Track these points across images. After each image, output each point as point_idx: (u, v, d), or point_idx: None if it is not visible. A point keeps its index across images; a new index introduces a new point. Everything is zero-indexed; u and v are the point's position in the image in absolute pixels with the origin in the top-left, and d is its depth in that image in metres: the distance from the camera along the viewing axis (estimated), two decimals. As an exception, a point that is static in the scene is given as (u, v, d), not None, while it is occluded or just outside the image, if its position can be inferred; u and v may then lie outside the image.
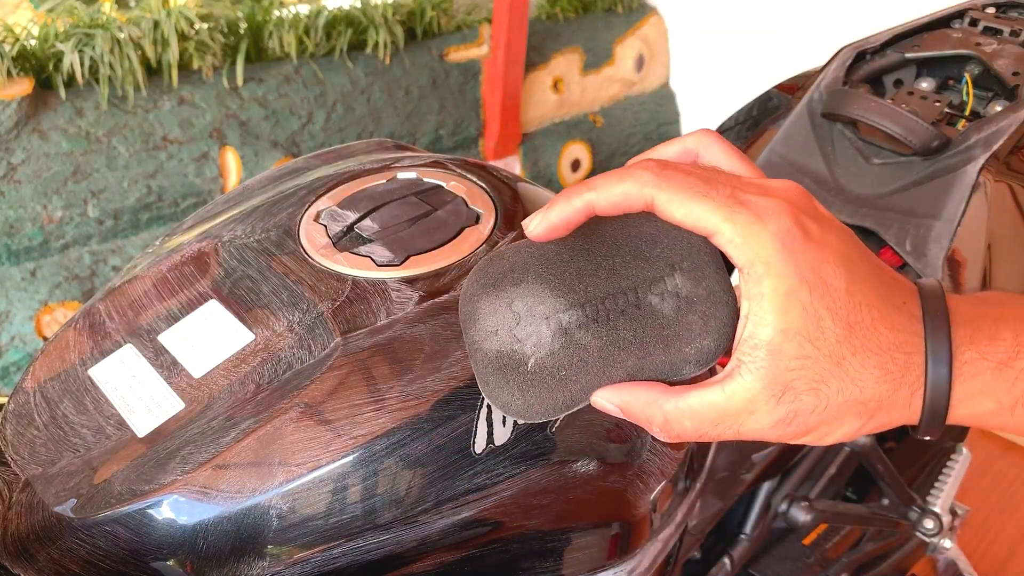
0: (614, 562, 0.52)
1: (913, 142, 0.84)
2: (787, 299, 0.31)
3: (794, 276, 0.31)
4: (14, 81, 1.59)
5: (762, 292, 0.31)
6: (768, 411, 0.33)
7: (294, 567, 0.43)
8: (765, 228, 0.31)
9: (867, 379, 0.32)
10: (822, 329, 0.31)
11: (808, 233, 0.32)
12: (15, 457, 0.45)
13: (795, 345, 0.31)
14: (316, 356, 0.45)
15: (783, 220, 0.31)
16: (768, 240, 0.31)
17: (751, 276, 0.31)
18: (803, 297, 0.31)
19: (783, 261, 0.31)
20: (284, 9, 1.97)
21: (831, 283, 0.31)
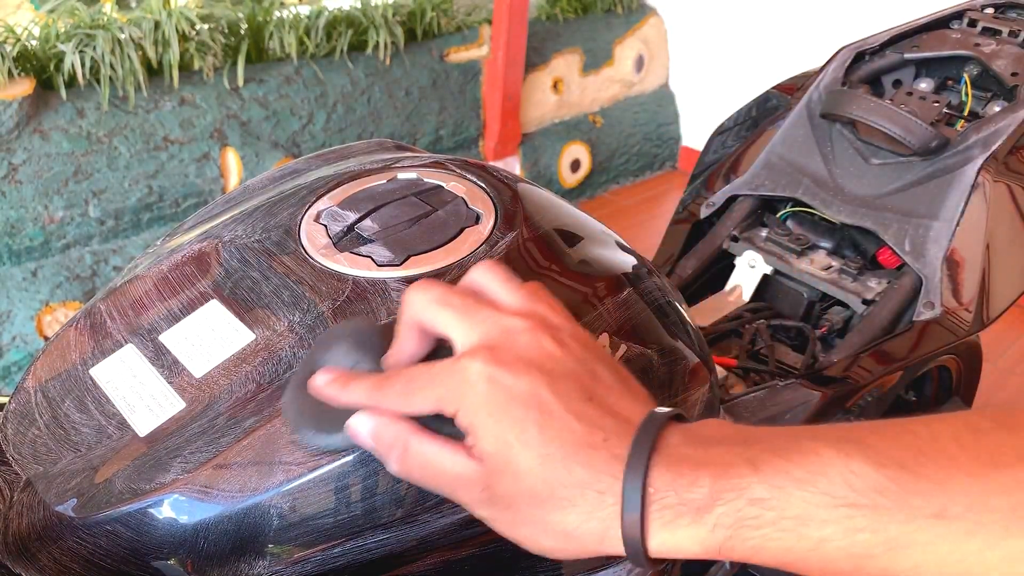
0: (614, 561, 0.52)
1: (912, 142, 0.84)
2: (494, 440, 0.35)
3: (493, 422, 0.35)
4: (15, 81, 1.60)
5: (475, 431, 0.36)
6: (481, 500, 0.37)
7: (295, 566, 0.43)
8: (463, 391, 0.36)
9: (558, 509, 0.35)
10: (522, 455, 0.35)
11: (499, 386, 0.35)
12: (16, 456, 0.46)
13: (502, 463, 0.35)
14: (316, 356, 0.45)
15: (477, 381, 0.36)
16: (471, 402, 0.36)
17: (468, 423, 0.36)
18: (505, 438, 0.35)
19: (482, 410, 0.36)
20: (285, 10, 1.97)
21: (527, 427, 0.35)
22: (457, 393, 0.36)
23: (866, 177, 0.89)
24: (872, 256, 0.92)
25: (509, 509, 0.36)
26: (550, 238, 0.53)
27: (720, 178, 1.00)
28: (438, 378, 0.37)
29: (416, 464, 0.38)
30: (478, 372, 0.36)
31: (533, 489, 0.35)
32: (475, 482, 0.37)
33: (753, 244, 0.94)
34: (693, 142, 2.90)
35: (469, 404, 0.36)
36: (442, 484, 0.38)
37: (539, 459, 0.35)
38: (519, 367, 0.36)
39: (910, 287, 0.85)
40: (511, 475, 0.35)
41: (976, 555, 0.30)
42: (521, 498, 0.35)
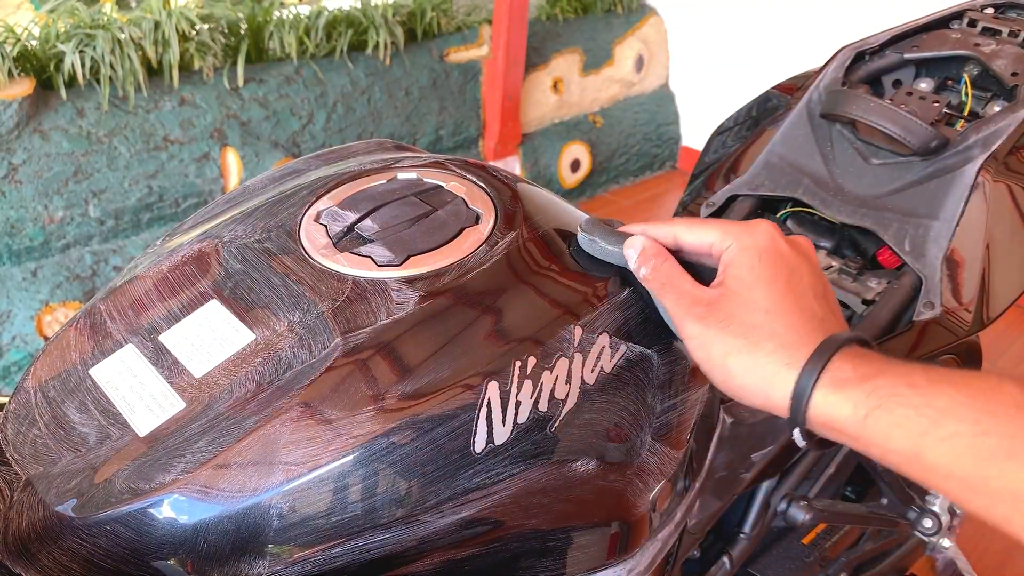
0: (613, 561, 0.52)
1: (912, 142, 0.84)
2: (749, 270, 0.44)
3: (756, 259, 0.45)
4: (15, 81, 1.60)
5: (735, 261, 0.45)
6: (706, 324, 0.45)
7: (295, 566, 0.43)
8: (747, 235, 0.46)
9: (755, 345, 0.43)
10: (762, 292, 0.44)
11: (778, 246, 0.46)
12: (16, 456, 0.46)
13: (743, 290, 0.44)
14: (316, 356, 0.45)
15: (764, 235, 0.46)
16: (749, 241, 0.46)
17: (733, 256, 0.45)
18: (758, 272, 0.44)
19: (752, 250, 0.45)
20: (285, 10, 1.97)
21: (779, 277, 0.44)
22: (740, 234, 0.45)
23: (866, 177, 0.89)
24: (872, 256, 0.92)
25: (719, 327, 0.44)
26: (550, 238, 0.53)
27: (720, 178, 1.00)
28: (725, 224, 0.47)
29: (663, 275, 0.47)
30: (766, 229, 0.46)
31: (749, 321, 0.43)
32: (703, 299, 0.45)
33: None
34: (693, 142, 2.90)
35: (747, 242, 0.45)
36: (678, 294, 0.46)
37: (771, 303, 0.43)
38: (794, 246, 0.46)
39: (910, 287, 0.85)
40: (742, 301, 0.43)
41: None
42: (737, 319, 0.43)
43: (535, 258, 0.51)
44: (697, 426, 0.56)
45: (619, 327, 0.49)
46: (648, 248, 0.48)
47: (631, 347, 0.49)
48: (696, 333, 0.45)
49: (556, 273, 0.50)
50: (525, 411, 0.45)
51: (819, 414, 0.41)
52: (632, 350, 0.50)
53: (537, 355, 0.46)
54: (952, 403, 0.37)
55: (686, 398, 0.54)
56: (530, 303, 0.48)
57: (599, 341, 0.48)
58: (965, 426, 0.37)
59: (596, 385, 0.47)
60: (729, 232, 0.46)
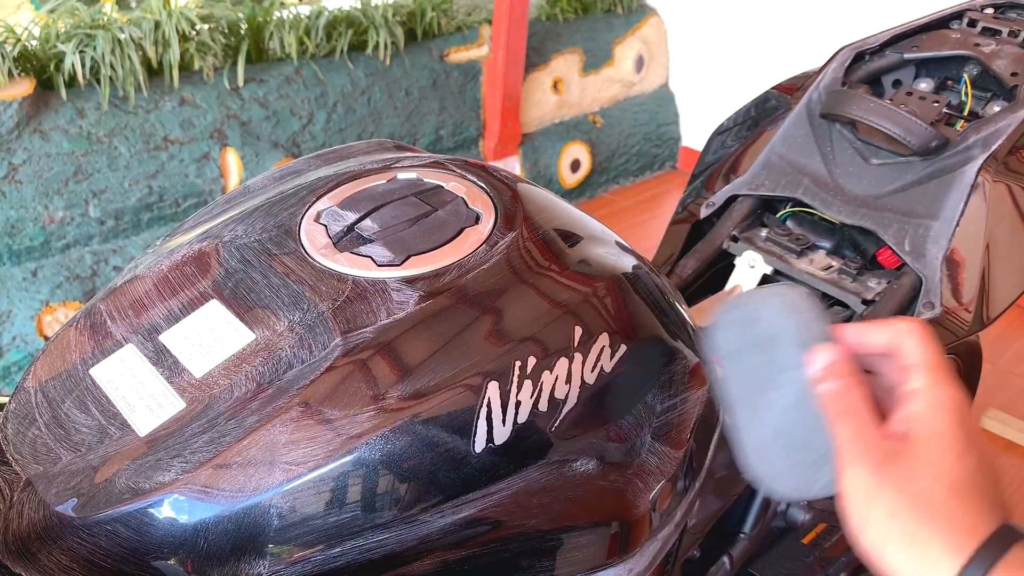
0: (614, 561, 0.52)
1: (912, 142, 0.84)
2: (948, 429, 0.39)
3: (958, 420, 0.39)
4: (15, 81, 1.60)
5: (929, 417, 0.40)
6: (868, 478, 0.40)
7: (294, 566, 0.43)
8: (948, 392, 0.40)
9: (911, 526, 0.38)
10: (950, 460, 0.39)
11: (969, 416, 0.40)
12: (16, 456, 0.46)
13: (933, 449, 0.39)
14: (316, 355, 0.45)
15: (959, 397, 0.40)
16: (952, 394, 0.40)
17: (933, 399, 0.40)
18: (955, 435, 0.39)
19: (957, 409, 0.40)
20: (285, 10, 1.97)
21: (970, 450, 0.39)
22: (935, 382, 0.40)
23: (866, 177, 0.89)
24: (872, 256, 0.92)
25: (891, 485, 0.39)
26: (550, 238, 0.53)
27: (720, 178, 1.00)
28: (926, 356, 0.41)
29: (849, 402, 0.41)
30: (962, 395, 0.40)
31: (930, 490, 0.38)
32: (882, 447, 0.39)
33: (753, 244, 0.94)
34: (693, 142, 2.90)
35: (941, 398, 0.40)
36: (849, 432, 0.41)
37: (956, 479, 0.38)
38: (975, 422, 0.40)
39: (910, 287, 0.85)
40: (925, 467, 0.38)
41: None
42: (912, 486, 0.38)
43: (535, 258, 0.51)
44: (697, 426, 0.56)
45: (619, 327, 0.49)
46: (839, 365, 0.42)
47: (631, 347, 0.49)
48: (864, 482, 0.40)
49: (556, 273, 0.50)
50: (525, 411, 0.45)
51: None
52: (632, 350, 0.50)
53: (537, 355, 0.46)
54: None
55: (686, 398, 0.54)
56: (530, 303, 0.48)
57: (599, 341, 0.48)
58: None
59: (596, 385, 0.47)
60: (932, 373, 0.41)
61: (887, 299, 0.86)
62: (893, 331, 0.43)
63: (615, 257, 0.54)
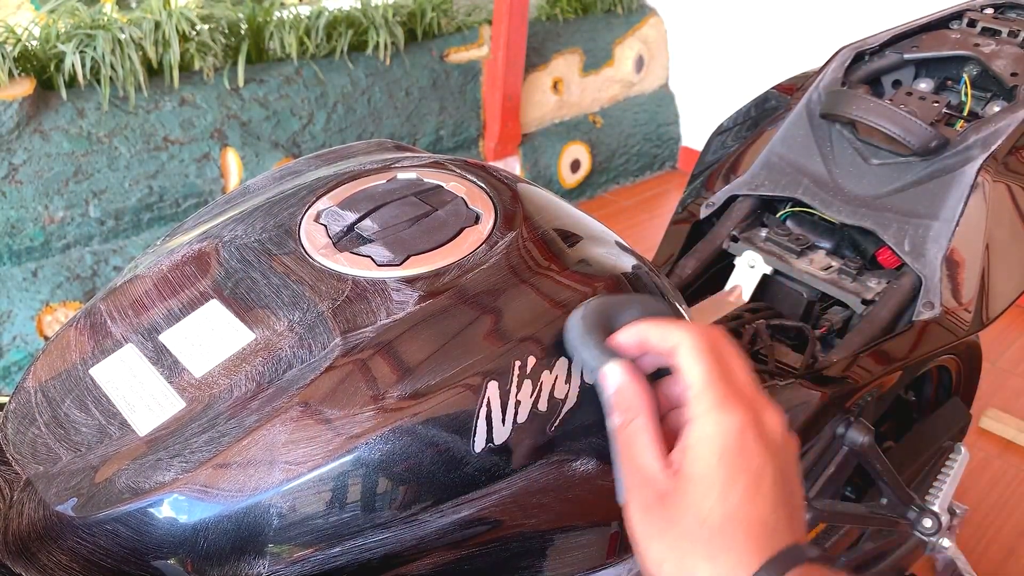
0: (613, 561, 0.52)
1: (912, 143, 0.84)
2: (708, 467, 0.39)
3: (718, 455, 0.39)
4: (16, 82, 1.60)
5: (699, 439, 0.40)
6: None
7: (294, 566, 0.43)
8: (720, 420, 0.40)
9: (698, 551, 0.38)
10: (713, 494, 0.39)
11: (746, 442, 0.39)
12: (16, 456, 0.46)
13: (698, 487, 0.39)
14: (316, 355, 0.45)
15: (735, 424, 0.40)
16: (716, 429, 0.40)
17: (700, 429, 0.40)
18: (717, 473, 0.39)
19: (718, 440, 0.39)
20: (285, 10, 1.97)
21: (737, 481, 0.39)
22: (708, 409, 0.40)
23: (866, 177, 0.89)
24: (872, 256, 0.92)
25: (658, 528, 0.39)
26: (550, 238, 0.53)
27: (720, 178, 1.00)
28: (707, 383, 0.40)
29: (628, 436, 0.42)
30: (739, 419, 0.39)
31: (692, 533, 0.38)
32: (657, 488, 0.40)
33: (753, 244, 0.94)
34: (693, 142, 2.90)
35: (711, 429, 0.39)
36: (629, 468, 0.41)
37: (721, 514, 0.38)
38: (764, 440, 0.40)
39: (910, 287, 0.85)
40: (689, 507, 0.39)
41: None
42: (675, 529, 0.39)
43: (535, 258, 0.51)
44: (697, 426, 0.55)
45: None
46: (623, 391, 0.42)
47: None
48: (637, 521, 0.41)
49: (556, 273, 0.50)
50: (525, 411, 0.45)
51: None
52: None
53: (537, 354, 0.46)
54: None
55: (686, 398, 0.54)
56: (530, 303, 0.48)
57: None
58: None
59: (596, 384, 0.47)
60: (707, 395, 0.40)
61: (887, 299, 0.86)
62: (669, 344, 0.42)
63: (615, 257, 0.54)
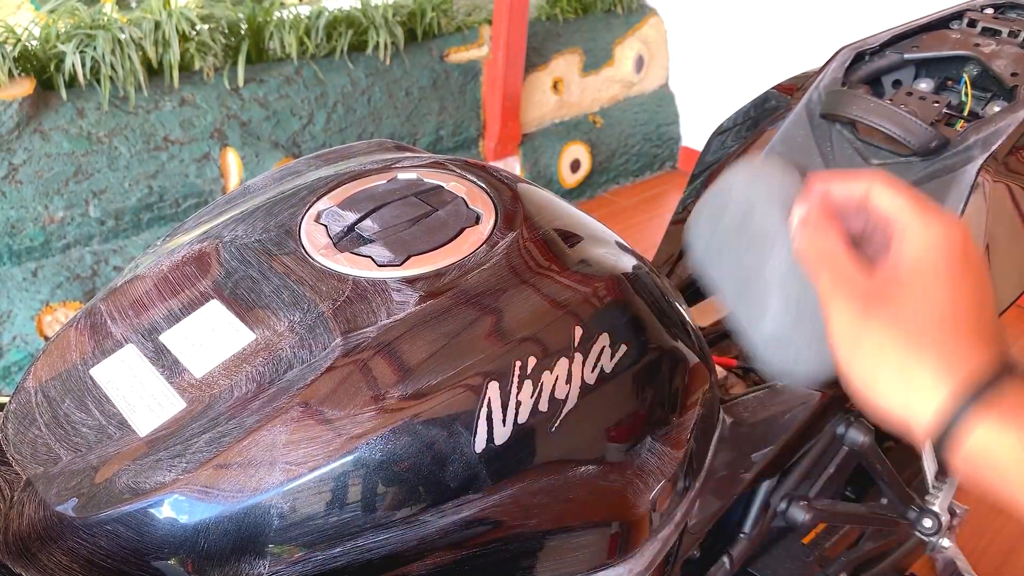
0: (614, 561, 0.52)
1: (912, 143, 0.84)
2: (932, 264, 0.38)
3: (945, 253, 0.38)
4: (15, 81, 1.60)
5: (921, 245, 0.39)
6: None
7: (295, 566, 0.43)
8: (942, 223, 0.39)
9: (907, 350, 0.37)
10: (940, 293, 0.38)
11: (969, 250, 0.39)
12: (17, 456, 0.46)
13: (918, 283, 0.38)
14: (317, 356, 0.45)
15: (957, 231, 0.39)
16: (943, 231, 0.39)
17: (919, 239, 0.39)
18: (942, 269, 0.38)
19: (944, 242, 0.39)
20: (285, 10, 1.97)
21: (965, 282, 0.38)
22: (930, 221, 0.39)
23: (866, 177, 0.89)
24: (872, 256, 0.92)
25: (879, 320, 0.38)
26: (550, 238, 0.53)
27: (720, 178, 1.00)
28: (917, 202, 0.40)
29: (822, 249, 0.41)
30: (963, 229, 0.39)
31: (919, 323, 0.37)
32: (863, 289, 0.39)
33: None
34: (693, 142, 2.90)
35: (936, 234, 0.39)
36: (833, 275, 0.40)
37: (949, 312, 0.37)
38: (976, 253, 0.39)
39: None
40: (914, 301, 0.38)
41: None
42: (901, 319, 0.37)
43: (535, 258, 0.51)
44: (697, 426, 0.56)
45: (619, 327, 0.49)
46: (811, 214, 0.42)
47: (631, 347, 0.49)
48: (849, 320, 0.39)
49: (556, 273, 0.50)
50: (525, 411, 0.45)
51: (972, 443, 0.35)
52: (632, 350, 0.50)
53: (537, 355, 0.46)
54: None
55: (686, 398, 0.54)
56: (530, 303, 0.48)
57: (599, 341, 0.48)
58: None
59: (596, 385, 0.47)
60: (918, 214, 0.40)
61: (887, 299, 0.86)
62: (859, 190, 0.42)
63: (615, 257, 0.54)
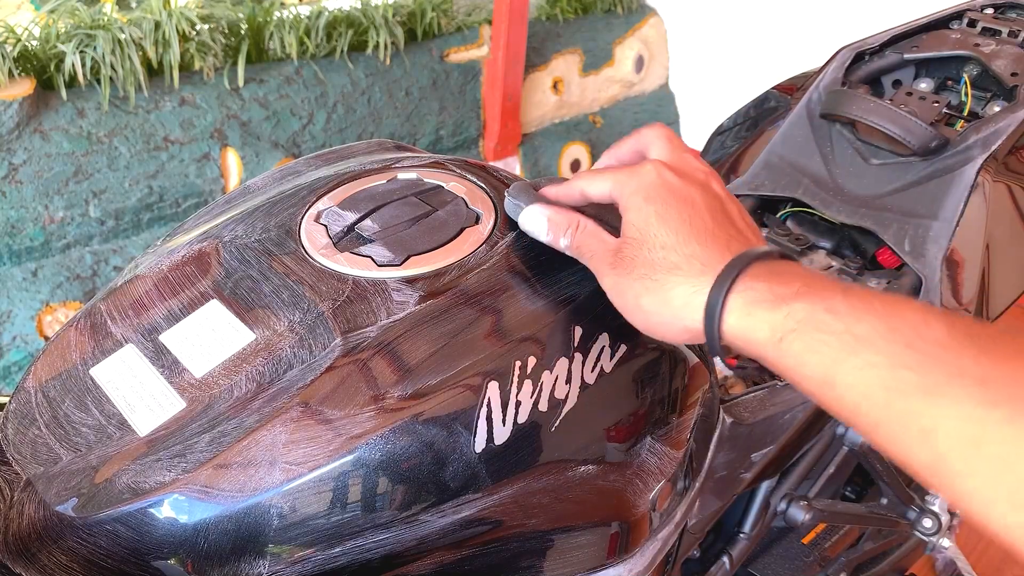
0: (613, 561, 0.52)
1: (912, 143, 0.84)
2: (638, 213, 0.45)
3: (643, 200, 0.45)
4: (16, 81, 1.60)
5: (628, 207, 0.46)
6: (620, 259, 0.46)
7: (295, 566, 0.43)
8: (634, 179, 0.46)
9: (665, 271, 0.43)
10: (656, 230, 0.44)
11: (665, 181, 0.45)
12: (17, 456, 0.46)
13: (637, 233, 0.45)
14: (316, 356, 0.45)
15: (649, 174, 0.46)
16: (636, 185, 0.46)
17: (625, 202, 0.46)
18: (648, 213, 0.45)
19: (640, 193, 0.45)
20: (285, 10, 1.97)
21: (670, 210, 0.44)
22: (627, 180, 0.46)
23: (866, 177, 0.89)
24: (872, 256, 0.92)
25: (627, 272, 0.44)
26: (550, 238, 0.53)
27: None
28: (616, 173, 0.47)
29: (582, 239, 0.47)
30: (650, 168, 0.46)
31: (650, 260, 0.43)
32: (611, 249, 0.46)
33: None
34: (693, 142, 2.90)
35: (633, 186, 0.45)
36: (591, 254, 0.47)
37: (667, 238, 0.43)
38: (684, 176, 0.46)
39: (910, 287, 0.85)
40: (640, 243, 0.44)
41: (995, 425, 0.32)
42: (640, 262, 0.44)
43: (535, 258, 0.51)
44: (697, 426, 0.56)
45: (619, 327, 0.49)
46: (556, 219, 0.48)
47: (631, 347, 0.50)
48: (610, 284, 0.46)
49: (556, 273, 0.50)
50: (525, 411, 0.45)
51: (735, 335, 0.41)
52: (632, 350, 0.50)
53: (537, 355, 0.46)
54: (872, 332, 0.36)
55: (686, 398, 0.54)
56: (530, 303, 0.48)
57: (599, 341, 0.48)
58: (881, 358, 0.35)
59: (596, 385, 0.48)
60: (619, 178, 0.46)
61: (887, 299, 0.86)
62: (637, 141, 0.50)
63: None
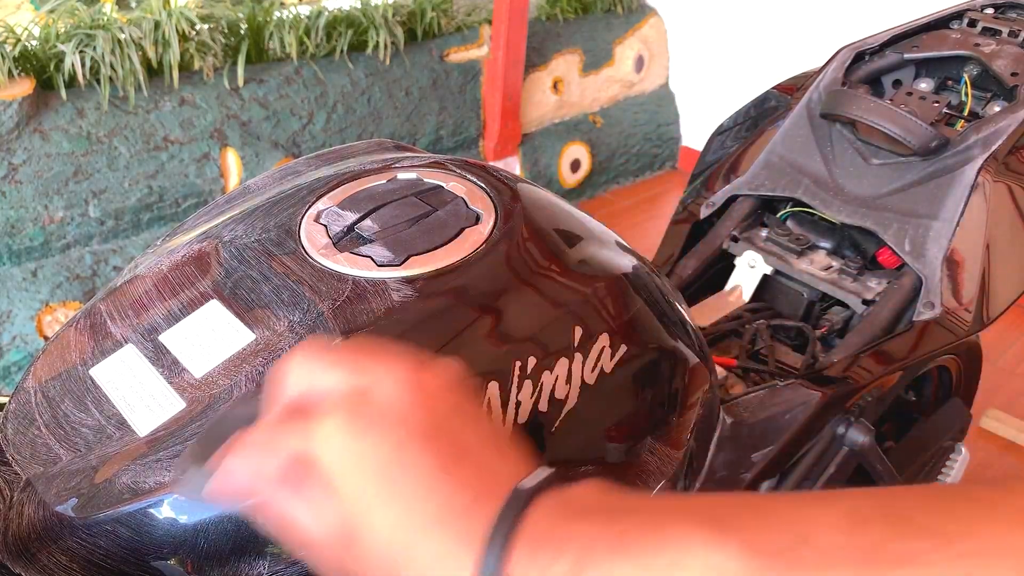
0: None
1: (912, 142, 0.84)
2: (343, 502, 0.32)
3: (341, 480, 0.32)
4: (15, 81, 1.60)
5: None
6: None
7: (295, 566, 0.43)
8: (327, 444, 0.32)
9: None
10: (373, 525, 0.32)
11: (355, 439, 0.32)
12: (16, 456, 0.46)
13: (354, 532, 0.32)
14: (316, 356, 0.45)
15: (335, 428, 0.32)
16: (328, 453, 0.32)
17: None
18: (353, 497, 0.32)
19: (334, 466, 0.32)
20: (285, 10, 1.97)
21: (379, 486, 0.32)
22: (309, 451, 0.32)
23: (866, 177, 0.89)
24: (872, 256, 0.92)
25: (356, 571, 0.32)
26: (550, 238, 0.53)
27: (720, 178, 1.00)
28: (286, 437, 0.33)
29: (274, 515, 0.34)
30: (333, 426, 0.32)
31: (386, 563, 0.32)
32: (328, 547, 0.33)
33: (753, 244, 0.94)
34: (693, 142, 2.90)
35: (324, 463, 0.32)
36: (298, 544, 0.34)
37: (395, 527, 0.31)
38: (377, 422, 0.32)
39: (910, 287, 0.85)
40: (364, 544, 0.32)
41: None
42: (373, 570, 0.32)
43: (535, 258, 0.51)
44: (697, 426, 0.56)
45: (619, 327, 0.49)
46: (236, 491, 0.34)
47: (631, 347, 0.49)
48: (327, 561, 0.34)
49: (556, 273, 0.50)
50: (525, 411, 0.45)
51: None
52: (632, 350, 0.50)
53: (537, 355, 0.46)
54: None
55: (686, 398, 0.54)
56: (530, 303, 0.48)
57: (599, 341, 0.48)
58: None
59: (596, 385, 0.47)
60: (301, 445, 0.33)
61: (887, 299, 0.86)
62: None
63: (615, 257, 0.54)
